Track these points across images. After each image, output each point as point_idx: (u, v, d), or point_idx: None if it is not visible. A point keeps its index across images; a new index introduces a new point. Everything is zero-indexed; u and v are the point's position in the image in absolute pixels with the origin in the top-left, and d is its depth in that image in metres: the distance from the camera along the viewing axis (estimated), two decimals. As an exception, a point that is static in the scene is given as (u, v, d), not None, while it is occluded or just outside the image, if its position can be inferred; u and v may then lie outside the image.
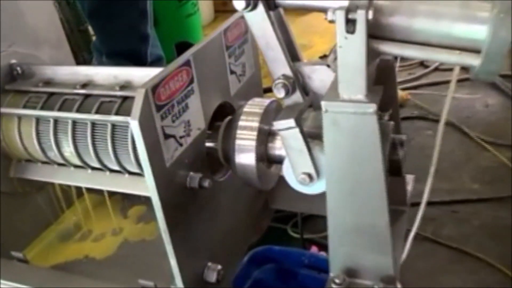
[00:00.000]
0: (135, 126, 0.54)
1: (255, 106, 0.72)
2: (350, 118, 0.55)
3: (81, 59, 1.95)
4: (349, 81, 0.54)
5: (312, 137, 0.63)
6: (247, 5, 0.58)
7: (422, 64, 2.79)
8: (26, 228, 0.96)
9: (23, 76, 0.87)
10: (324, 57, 2.04)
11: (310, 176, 0.64)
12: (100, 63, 1.55)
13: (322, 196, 0.67)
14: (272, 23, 0.60)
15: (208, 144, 0.73)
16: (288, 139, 0.62)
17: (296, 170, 0.64)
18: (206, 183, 0.66)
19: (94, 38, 1.70)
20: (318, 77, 0.64)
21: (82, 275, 0.82)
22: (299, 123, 0.61)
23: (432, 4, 0.51)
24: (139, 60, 1.51)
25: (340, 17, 0.50)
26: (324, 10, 0.57)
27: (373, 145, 0.56)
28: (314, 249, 1.10)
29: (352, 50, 0.51)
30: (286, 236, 1.23)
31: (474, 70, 0.51)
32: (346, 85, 0.54)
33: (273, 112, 0.72)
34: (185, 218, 0.67)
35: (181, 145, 0.63)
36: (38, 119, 0.80)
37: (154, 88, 0.56)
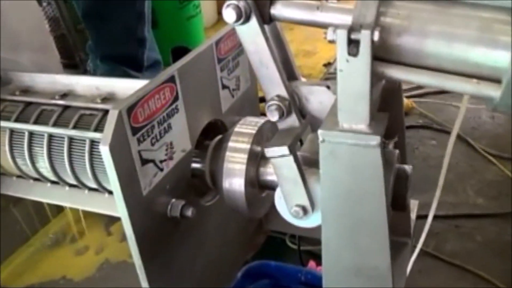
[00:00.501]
0: (106, 152, 0.47)
1: (247, 126, 0.65)
2: (351, 150, 0.48)
3: (77, 59, 1.89)
4: (350, 109, 0.47)
5: (309, 164, 0.56)
6: (239, 18, 0.51)
7: (429, 71, 2.72)
8: (2, 244, 0.89)
9: None
10: (328, 64, 1.97)
11: (304, 209, 0.57)
12: (95, 65, 1.49)
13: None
14: (267, 38, 0.54)
15: (194, 165, 0.67)
16: (281, 168, 0.55)
17: (289, 202, 0.57)
18: (189, 212, 0.59)
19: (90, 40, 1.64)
20: (317, 99, 0.57)
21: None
22: (293, 151, 0.54)
23: (447, 24, 0.44)
24: (135, 64, 1.44)
25: (341, 37, 0.43)
26: (324, 27, 0.51)
27: (376, 180, 0.49)
28: (312, 264, 1.05)
29: (355, 74, 0.45)
30: (284, 246, 1.18)
31: (492, 102, 0.44)
32: (346, 113, 0.47)
33: (268, 133, 0.65)
34: (166, 249, 0.60)
35: (161, 170, 0.57)
36: (12, 131, 0.74)
37: (130, 108, 0.50)
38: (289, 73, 0.60)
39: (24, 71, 0.83)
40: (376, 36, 0.42)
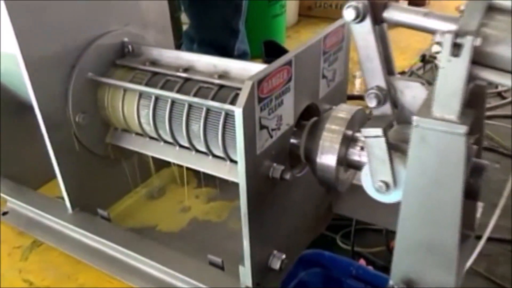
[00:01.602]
0: (239, 113, 0.59)
1: (343, 111, 0.76)
2: (440, 136, 0.57)
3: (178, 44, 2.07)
4: (444, 101, 0.56)
5: (393, 149, 0.66)
6: (357, 17, 0.62)
7: (500, 94, 2.68)
8: (112, 190, 1.06)
9: (132, 54, 0.96)
10: (402, 73, 2.02)
11: (387, 184, 0.67)
12: (189, 50, 1.65)
13: (385, 208, 0.70)
14: (376, 38, 0.64)
15: (292, 141, 0.78)
16: (373, 147, 0.65)
17: (374, 177, 0.67)
18: (288, 175, 0.70)
19: (185, 26, 1.81)
20: (411, 93, 0.67)
21: (155, 242, 0.91)
22: (386, 134, 0.64)
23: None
24: (226, 52, 1.59)
25: (448, 40, 0.53)
26: (430, 31, 0.60)
27: (458, 166, 0.58)
28: (362, 262, 1.10)
29: (454, 72, 0.54)
30: (335, 246, 1.23)
31: None
32: (440, 104, 0.57)
33: (359, 120, 0.75)
34: (262, 206, 0.72)
35: (271, 137, 0.69)
36: (141, 94, 0.89)
37: (260, 81, 0.62)
38: (388, 68, 0.69)
39: (151, 46, 0.98)
40: (479, 42, 0.51)
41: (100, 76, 0.92)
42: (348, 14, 0.62)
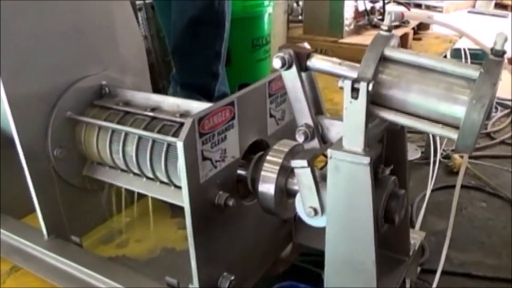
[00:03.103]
0: (180, 146, 0.70)
1: (283, 145, 0.86)
2: (349, 166, 0.67)
3: (161, 86, 2.21)
4: (351, 136, 0.66)
5: (320, 178, 0.75)
6: (283, 65, 0.73)
7: (489, 135, 2.76)
8: (88, 218, 1.15)
9: (109, 95, 1.08)
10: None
11: (315, 210, 0.76)
12: (175, 92, 1.77)
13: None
14: (302, 81, 0.75)
15: (240, 172, 0.88)
16: (301, 176, 0.75)
17: (304, 204, 0.76)
18: (231, 202, 0.80)
19: (174, 70, 1.95)
20: (335, 130, 0.77)
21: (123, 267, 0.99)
22: (311, 165, 0.74)
23: (424, 84, 0.63)
24: (207, 94, 1.71)
25: (347, 85, 0.63)
26: (343, 77, 0.72)
27: (366, 192, 0.67)
28: None
29: (355, 112, 0.64)
30: (320, 281, 1.27)
31: (453, 140, 0.62)
32: (349, 139, 0.67)
33: (297, 153, 0.85)
34: (210, 229, 0.81)
35: (215, 167, 0.79)
36: (113, 131, 1.00)
37: (200, 119, 0.72)
38: (317, 108, 0.80)
39: (127, 88, 1.10)
40: (370, 87, 0.62)
41: (78, 115, 1.04)
42: (276, 63, 0.73)
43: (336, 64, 0.72)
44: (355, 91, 0.63)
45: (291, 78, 0.75)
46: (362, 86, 0.62)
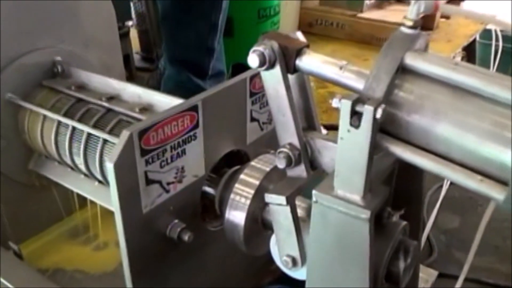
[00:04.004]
0: (110, 169, 0.50)
1: (264, 162, 0.66)
2: (341, 218, 0.47)
3: (154, 54, 2.00)
4: (346, 177, 0.46)
5: (303, 220, 0.56)
6: (262, 64, 0.52)
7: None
8: (33, 222, 0.97)
9: (61, 75, 0.88)
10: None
11: (294, 260, 0.57)
12: (166, 64, 1.57)
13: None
14: (288, 87, 0.54)
15: (207, 189, 0.69)
16: (278, 216, 0.56)
17: (281, 250, 0.57)
18: (186, 237, 0.61)
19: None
20: (329, 155, 0.57)
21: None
22: (292, 202, 0.54)
23: (461, 112, 0.42)
24: (200, 72, 1.50)
25: (345, 107, 0.43)
26: (343, 87, 0.51)
27: (361, 252, 0.48)
28: None
29: (354, 145, 0.44)
30: None
31: (496, 201, 0.41)
32: (342, 181, 0.47)
33: (283, 173, 0.65)
34: (161, 268, 0.63)
35: (167, 191, 0.59)
36: (59, 123, 0.81)
37: (143, 132, 0.53)
38: (308, 122, 0.59)
39: (88, 68, 0.90)
40: (379, 114, 0.41)
41: (21, 98, 0.85)
42: (252, 60, 0.53)
43: (336, 68, 0.50)
44: (356, 117, 0.43)
45: (274, 81, 0.54)
46: (368, 111, 0.42)
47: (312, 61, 0.52)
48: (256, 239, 0.66)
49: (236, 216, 0.63)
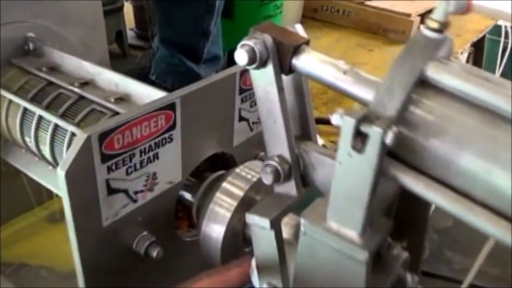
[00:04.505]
0: (61, 177, 0.42)
1: (250, 170, 0.58)
2: (333, 255, 0.39)
3: (149, 33, 1.90)
4: (342, 209, 0.38)
5: (289, 245, 0.48)
6: (251, 62, 0.44)
7: None
8: (5, 209, 0.89)
9: (33, 53, 0.79)
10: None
11: (276, 290, 0.49)
12: (159, 47, 1.47)
13: None
14: (281, 89, 0.46)
15: (185, 194, 0.61)
16: (259, 240, 0.48)
17: (261, 276, 0.50)
18: (155, 252, 0.53)
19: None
20: (324, 172, 0.48)
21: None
22: (277, 226, 0.46)
23: (492, 141, 0.34)
24: (194, 55, 1.41)
25: (347, 126, 0.34)
26: (346, 95, 0.42)
27: (355, 295, 0.40)
28: None
29: (355, 173, 0.36)
30: None
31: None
32: (337, 212, 0.39)
33: (264, 196, 0.57)
34: (125, 283, 0.55)
35: (134, 201, 0.51)
36: (25, 109, 0.72)
37: (104, 134, 0.44)
38: (303, 130, 0.51)
39: (65, 47, 0.81)
40: (389, 139, 0.33)
41: (-12, 76, 0.76)
42: (240, 56, 0.44)
43: (340, 72, 0.42)
44: (360, 139, 0.34)
45: (265, 82, 0.45)
46: (375, 133, 0.33)
47: (311, 62, 0.43)
48: (235, 255, 0.58)
49: (214, 229, 0.55)
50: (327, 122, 1.45)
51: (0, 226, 0.90)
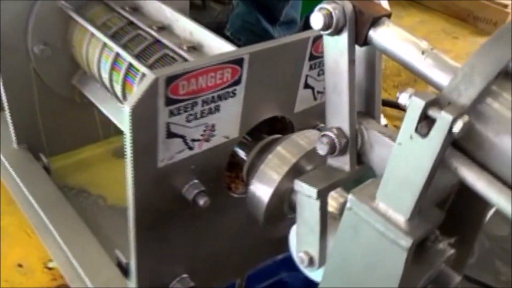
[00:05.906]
0: (127, 113, 0.44)
1: (306, 138, 0.57)
2: (375, 236, 0.39)
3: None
4: (393, 191, 0.37)
5: (332, 217, 0.48)
6: (326, 28, 0.42)
7: None
8: (72, 136, 0.96)
9: (118, -9, 0.82)
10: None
11: (311, 259, 0.49)
12: (238, 3, 1.46)
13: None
14: (352, 62, 0.44)
15: (239, 151, 0.62)
16: (304, 208, 0.48)
17: (299, 244, 0.50)
18: (202, 201, 0.55)
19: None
20: (382, 153, 0.47)
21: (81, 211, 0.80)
22: (323, 197, 0.46)
23: None
24: (271, 15, 1.39)
25: (414, 107, 0.33)
26: (420, 76, 0.40)
27: (390, 279, 0.39)
28: None
29: (414, 157, 0.34)
30: None
31: None
32: (387, 194, 0.37)
33: (316, 165, 0.57)
34: (169, 227, 0.57)
35: (190, 148, 0.53)
36: (105, 44, 0.75)
37: (171, 79, 0.45)
38: (367, 107, 0.49)
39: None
40: (458, 128, 0.31)
41: (76, 8, 0.80)
42: (316, 20, 0.42)
43: (418, 51, 0.39)
44: (426, 123, 0.33)
45: (336, 51, 0.44)
46: (443, 120, 0.32)
47: (390, 36, 0.41)
48: (278, 219, 0.59)
49: (262, 190, 0.56)
50: (395, 105, 1.40)
51: (67, 152, 0.97)
